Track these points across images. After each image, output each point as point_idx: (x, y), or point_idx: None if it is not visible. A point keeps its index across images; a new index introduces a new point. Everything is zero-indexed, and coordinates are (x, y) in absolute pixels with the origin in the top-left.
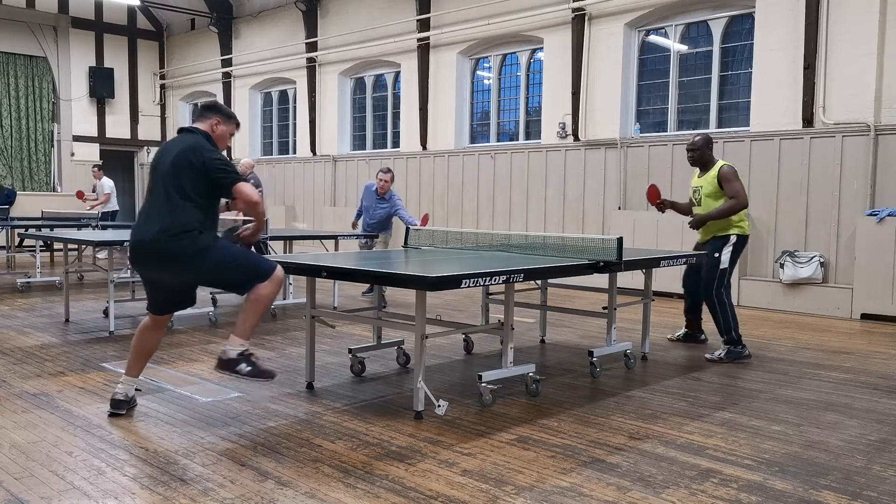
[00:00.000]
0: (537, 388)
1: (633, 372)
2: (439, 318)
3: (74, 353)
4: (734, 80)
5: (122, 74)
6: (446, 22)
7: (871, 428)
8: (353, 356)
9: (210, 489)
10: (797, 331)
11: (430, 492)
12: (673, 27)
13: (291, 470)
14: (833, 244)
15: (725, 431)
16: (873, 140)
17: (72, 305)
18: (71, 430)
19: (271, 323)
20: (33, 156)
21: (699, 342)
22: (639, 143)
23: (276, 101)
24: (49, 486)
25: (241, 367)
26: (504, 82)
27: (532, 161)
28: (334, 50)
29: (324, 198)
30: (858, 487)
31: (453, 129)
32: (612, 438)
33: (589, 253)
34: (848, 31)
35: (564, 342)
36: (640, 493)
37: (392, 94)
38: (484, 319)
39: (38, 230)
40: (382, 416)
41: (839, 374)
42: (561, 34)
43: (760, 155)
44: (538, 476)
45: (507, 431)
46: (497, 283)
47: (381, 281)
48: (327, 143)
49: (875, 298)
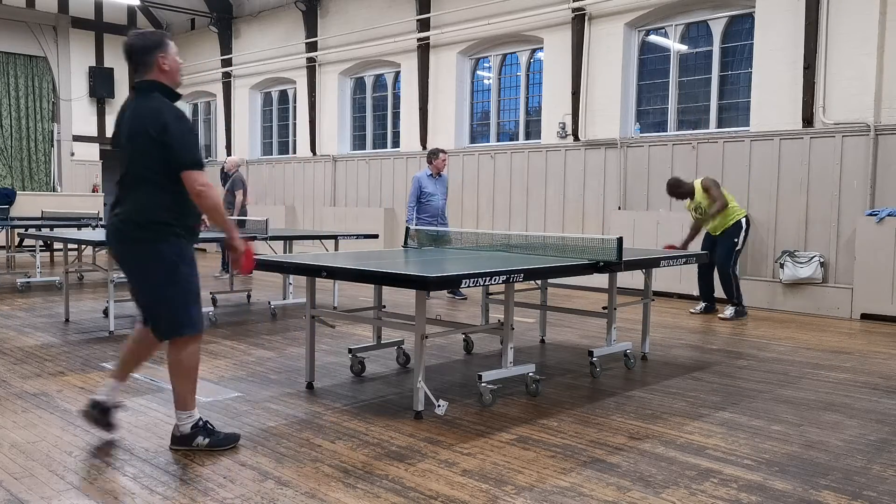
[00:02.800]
0: (537, 388)
1: (633, 372)
2: (439, 318)
3: (74, 353)
4: (734, 80)
5: (122, 74)
6: (446, 22)
7: (871, 428)
8: (353, 356)
9: (210, 489)
10: (797, 331)
11: (430, 492)
12: (673, 27)
13: (291, 470)
14: (833, 244)
15: (725, 431)
16: (873, 140)
17: (72, 305)
18: (71, 430)
19: (271, 323)
20: (33, 156)
21: (714, 312)
22: (639, 143)
23: (276, 101)
24: (49, 486)
25: (199, 440)
26: (504, 82)
27: (532, 161)
28: (334, 50)
29: (324, 198)
30: (858, 487)
31: (453, 129)
32: (612, 438)
33: (589, 253)
34: (848, 31)
35: (564, 342)
36: (640, 493)
37: (392, 94)
38: (484, 319)
39: (38, 230)
40: (382, 416)
41: (839, 374)
42: (561, 34)
43: (760, 155)
44: (538, 476)
45: (507, 431)
46: (497, 283)
47: (381, 281)
48: (327, 143)
49: (875, 298)
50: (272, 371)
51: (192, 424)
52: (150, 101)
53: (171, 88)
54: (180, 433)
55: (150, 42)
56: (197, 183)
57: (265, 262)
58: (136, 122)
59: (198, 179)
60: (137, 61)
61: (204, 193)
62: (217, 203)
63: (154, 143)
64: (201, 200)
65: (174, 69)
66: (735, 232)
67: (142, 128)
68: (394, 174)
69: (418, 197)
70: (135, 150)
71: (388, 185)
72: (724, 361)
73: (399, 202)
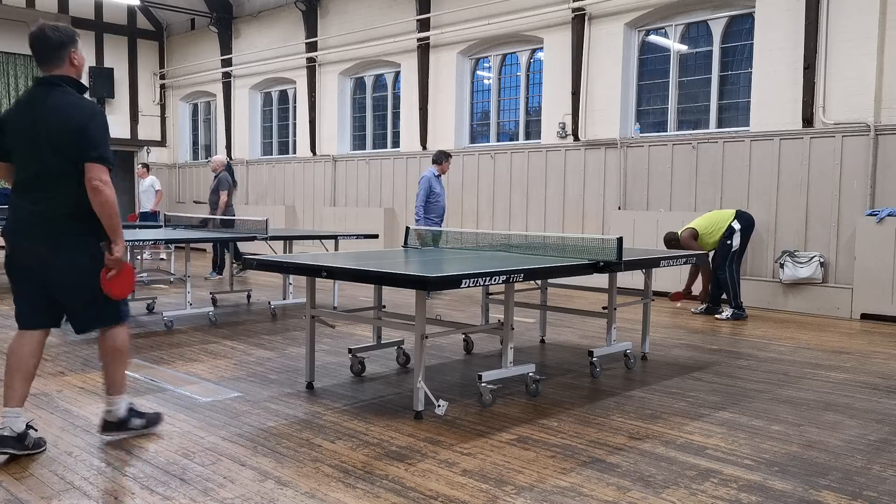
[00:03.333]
0: (537, 388)
1: (633, 372)
2: (439, 318)
3: (74, 353)
4: (734, 80)
5: (122, 74)
6: (446, 22)
7: (871, 428)
8: (353, 356)
9: (210, 489)
10: (797, 331)
11: (430, 492)
12: (673, 27)
13: (291, 470)
14: (833, 244)
15: (725, 431)
16: (873, 140)
17: None
18: (71, 430)
19: (271, 323)
20: None
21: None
22: (639, 143)
23: (276, 101)
24: (49, 486)
25: (134, 422)
26: (504, 82)
27: (532, 161)
28: (334, 50)
29: (324, 198)
30: (858, 487)
31: (453, 129)
32: (612, 438)
33: (589, 253)
34: (848, 31)
35: (564, 342)
36: (640, 493)
37: (392, 94)
38: (484, 319)
39: None
40: (382, 416)
41: (839, 374)
42: (561, 34)
43: (760, 155)
44: (538, 476)
45: (507, 431)
46: (497, 283)
47: (381, 281)
48: (327, 143)
49: (875, 298)
50: (272, 371)
51: (129, 408)
52: (66, 96)
53: (80, 82)
54: (117, 418)
55: (65, 36)
56: (96, 177)
57: (265, 262)
58: (56, 117)
59: (100, 174)
60: (49, 55)
61: (99, 188)
62: (110, 201)
63: (77, 136)
64: (94, 195)
65: (82, 64)
66: (728, 235)
67: (63, 123)
68: (394, 174)
69: (427, 197)
70: (58, 145)
71: (388, 186)
72: (724, 361)
73: (399, 202)
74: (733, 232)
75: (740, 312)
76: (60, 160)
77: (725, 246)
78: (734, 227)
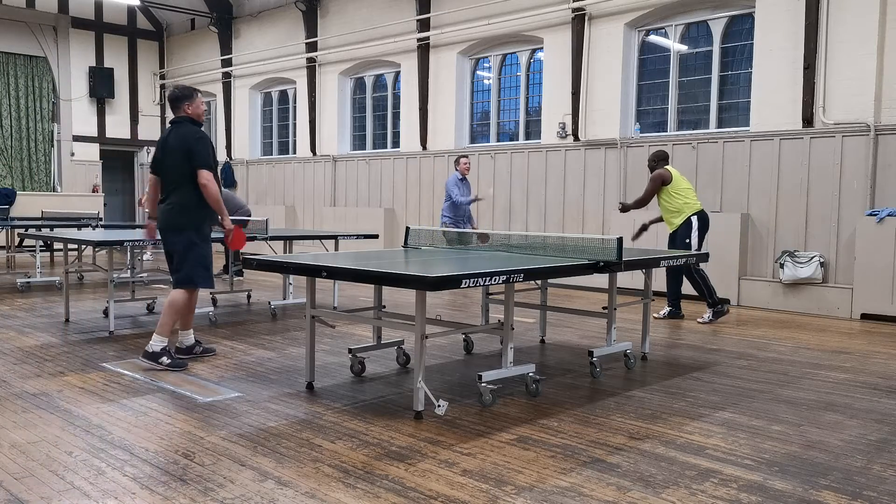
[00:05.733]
0: (537, 388)
1: (633, 372)
2: (439, 318)
3: (74, 353)
4: (734, 80)
5: (122, 74)
6: (446, 22)
7: (871, 428)
8: (353, 356)
9: (210, 489)
10: (797, 331)
11: (430, 492)
12: (673, 27)
13: (291, 470)
14: (833, 244)
15: (725, 431)
16: (873, 140)
17: (72, 305)
18: (71, 430)
19: (271, 323)
20: (33, 156)
21: (679, 318)
22: (639, 143)
23: (276, 101)
24: (49, 486)
25: (163, 359)
26: (504, 82)
27: (532, 161)
28: (334, 50)
29: (324, 198)
30: (858, 487)
31: (453, 129)
32: (612, 438)
33: (589, 253)
34: (848, 31)
35: (564, 342)
36: (640, 493)
37: (392, 94)
38: (484, 319)
39: (38, 230)
40: (382, 416)
41: (839, 374)
42: (561, 34)
43: (760, 155)
44: (538, 476)
45: (507, 431)
46: (497, 283)
47: (381, 281)
48: (327, 143)
49: (875, 298)
50: (272, 371)
51: (163, 347)
52: (181, 129)
53: (194, 120)
54: (151, 350)
55: (182, 95)
56: (202, 178)
57: (265, 262)
58: (175, 142)
59: (204, 175)
60: (175, 105)
61: (205, 186)
62: (215, 193)
63: (185, 155)
64: (203, 190)
65: (196, 111)
66: (685, 233)
67: (178, 146)
68: (394, 174)
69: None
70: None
71: (388, 186)
72: (724, 361)
73: (399, 202)
74: (691, 228)
75: (721, 308)
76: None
77: (685, 245)
78: (692, 223)
